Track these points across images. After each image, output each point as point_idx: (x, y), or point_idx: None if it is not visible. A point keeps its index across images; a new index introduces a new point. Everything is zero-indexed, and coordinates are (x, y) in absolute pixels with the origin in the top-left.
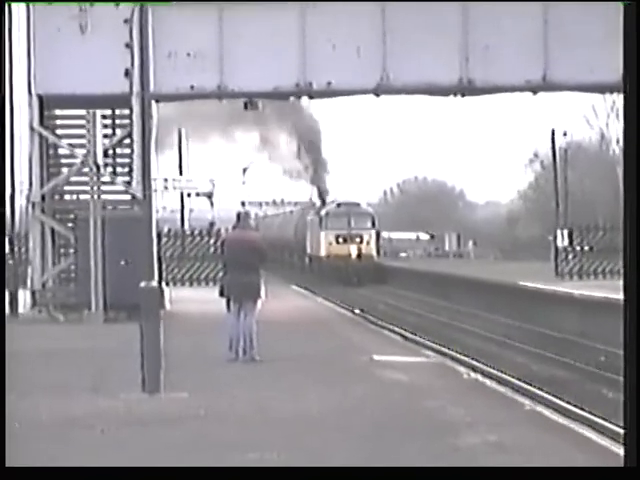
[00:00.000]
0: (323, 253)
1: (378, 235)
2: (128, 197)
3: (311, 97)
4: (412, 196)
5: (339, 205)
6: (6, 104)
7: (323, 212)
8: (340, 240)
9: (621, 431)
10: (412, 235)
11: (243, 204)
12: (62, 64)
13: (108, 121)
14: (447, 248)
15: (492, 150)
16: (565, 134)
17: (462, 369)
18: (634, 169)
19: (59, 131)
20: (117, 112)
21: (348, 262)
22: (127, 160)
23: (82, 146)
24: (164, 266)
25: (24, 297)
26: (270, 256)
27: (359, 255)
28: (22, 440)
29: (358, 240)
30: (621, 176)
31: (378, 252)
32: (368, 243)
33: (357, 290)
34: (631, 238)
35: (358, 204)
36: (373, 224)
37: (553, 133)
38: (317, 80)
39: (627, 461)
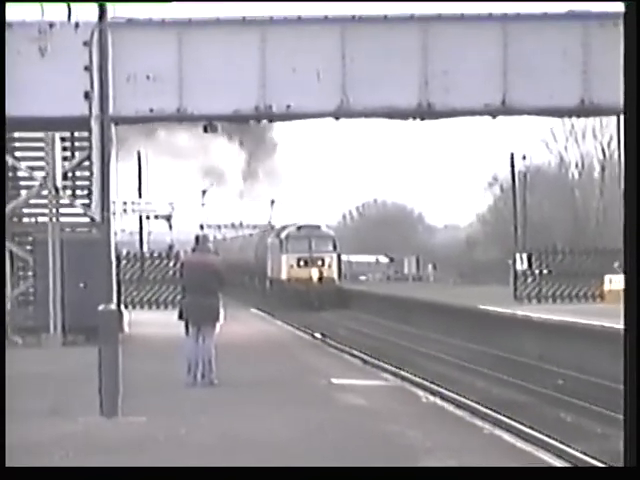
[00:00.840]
0: (284, 276)
1: (339, 258)
2: (87, 220)
3: (271, 120)
4: (371, 219)
5: (300, 228)
6: None
7: (283, 235)
8: (301, 263)
9: (580, 455)
10: (371, 258)
11: (202, 227)
12: (22, 86)
13: (67, 143)
14: (406, 271)
15: (451, 173)
16: (524, 158)
17: (421, 393)
18: (634, 171)
19: (18, 153)
20: (76, 134)
21: (309, 285)
22: (86, 183)
23: (41, 168)
24: (123, 289)
25: None
26: (230, 279)
27: (320, 278)
28: None
29: (319, 263)
30: (580, 200)
31: (340, 275)
32: (330, 266)
33: (317, 314)
34: (631, 238)
35: (319, 226)
36: (334, 247)
37: (512, 157)
38: (277, 103)
39: (627, 461)
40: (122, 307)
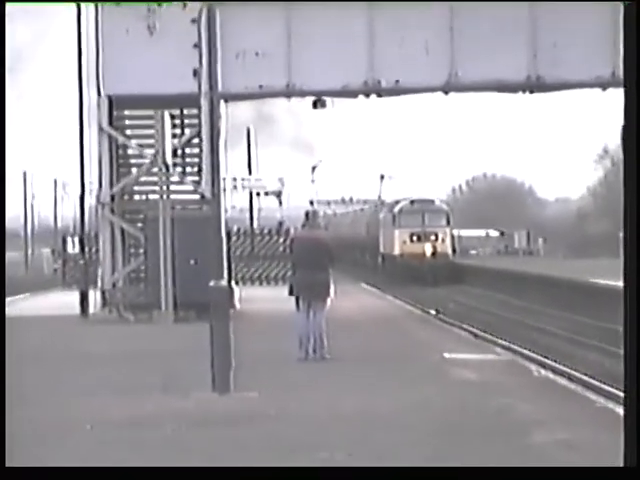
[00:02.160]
0: (397, 252)
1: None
2: (197, 197)
3: (379, 95)
4: (481, 193)
5: (413, 202)
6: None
7: (396, 209)
8: (414, 238)
9: None
10: (482, 232)
11: (312, 203)
12: (131, 65)
13: (177, 121)
14: (517, 245)
15: (561, 146)
16: None
17: (533, 366)
18: (634, 170)
19: (128, 131)
20: (186, 112)
21: (423, 261)
22: (196, 160)
23: (151, 146)
24: (233, 265)
25: (94, 297)
26: (340, 255)
27: (434, 253)
28: (93, 441)
29: (433, 238)
30: None
31: (454, 250)
32: (443, 241)
33: (428, 288)
34: (631, 238)
35: (432, 201)
36: (448, 221)
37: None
38: (385, 78)
39: (627, 461)
40: (232, 283)
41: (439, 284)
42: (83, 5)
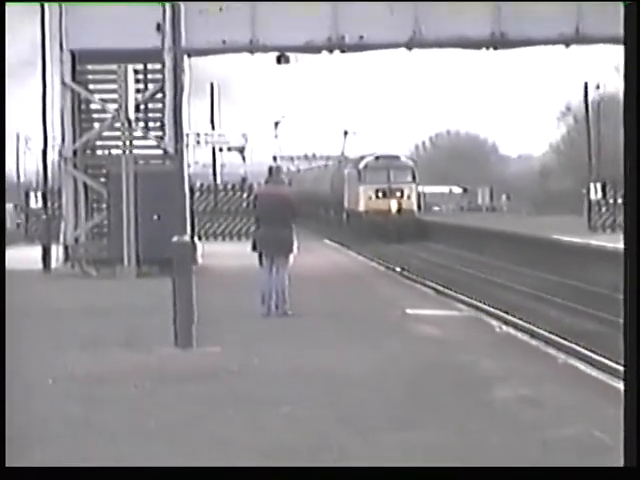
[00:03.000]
0: (362, 208)
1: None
2: (160, 152)
3: (343, 51)
4: (444, 150)
5: (378, 158)
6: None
7: (361, 165)
8: (380, 194)
9: None
10: (445, 189)
11: (275, 159)
12: (94, 19)
13: (140, 76)
14: (480, 202)
15: (525, 103)
16: (598, 87)
17: (494, 322)
18: (634, 169)
19: (91, 86)
20: (149, 67)
21: (388, 217)
22: (159, 115)
23: (114, 101)
24: (197, 221)
25: (57, 252)
26: (304, 211)
27: (399, 210)
28: (55, 397)
29: (398, 194)
30: None
31: (419, 207)
32: (409, 197)
33: (392, 245)
34: (631, 238)
35: (398, 156)
36: (414, 178)
37: (586, 86)
38: (349, 34)
39: (627, 461)
40: (196, 239)
41: (404, 241)
42: None
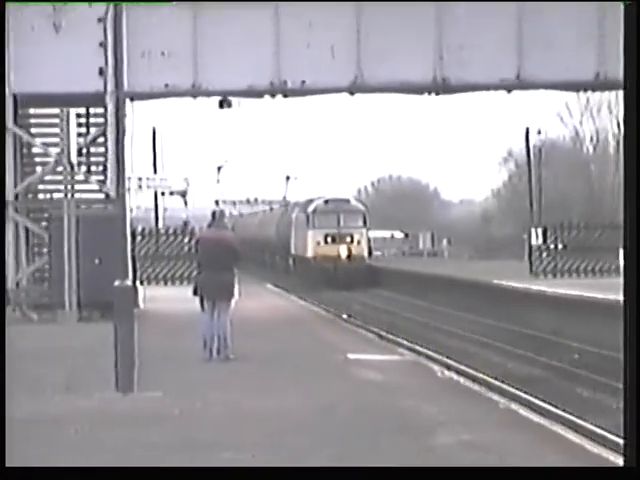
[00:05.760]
0: (310, 254)
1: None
2: (102, 196)
3: (285, 95)
4: (386, 194)
5: (327, 201)
6: None
7: (310, 209)
8: (329, 240)
9: (595, 429)
10: (387, 234)
11: (217, 203)
12: (36, 63)
13: (82, 120)
14: (421, 247)
15: (466, 148)
16: (539, 132)
17: (437, 367)
18: (634, 169)
19: (33, 130)
20: (91, 111)
21: (337, 264)
22: (101, 159)
23: (56, 145)
24: (138, 265)
25: None
26: (248, 257)
27: (349, 256)
28: None
29: (349, 240)
30: (595, 174)
31: (370, 253)
32: (359, 243)
33: (339, 292)
34: (631, 238)
35: (348, 200)
36: (365, 222)
37: (527, 131)
38: (292, 79)
39: (627, 461)
40: (137, 283)
41: (353, 288)
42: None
